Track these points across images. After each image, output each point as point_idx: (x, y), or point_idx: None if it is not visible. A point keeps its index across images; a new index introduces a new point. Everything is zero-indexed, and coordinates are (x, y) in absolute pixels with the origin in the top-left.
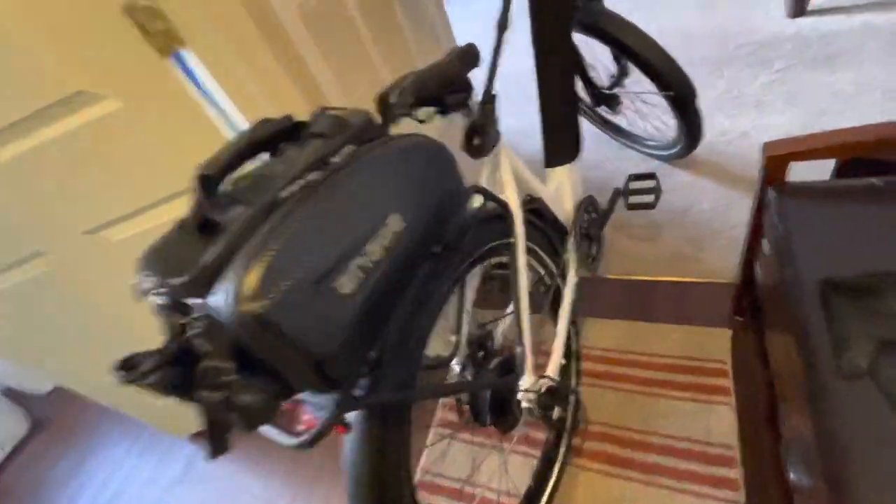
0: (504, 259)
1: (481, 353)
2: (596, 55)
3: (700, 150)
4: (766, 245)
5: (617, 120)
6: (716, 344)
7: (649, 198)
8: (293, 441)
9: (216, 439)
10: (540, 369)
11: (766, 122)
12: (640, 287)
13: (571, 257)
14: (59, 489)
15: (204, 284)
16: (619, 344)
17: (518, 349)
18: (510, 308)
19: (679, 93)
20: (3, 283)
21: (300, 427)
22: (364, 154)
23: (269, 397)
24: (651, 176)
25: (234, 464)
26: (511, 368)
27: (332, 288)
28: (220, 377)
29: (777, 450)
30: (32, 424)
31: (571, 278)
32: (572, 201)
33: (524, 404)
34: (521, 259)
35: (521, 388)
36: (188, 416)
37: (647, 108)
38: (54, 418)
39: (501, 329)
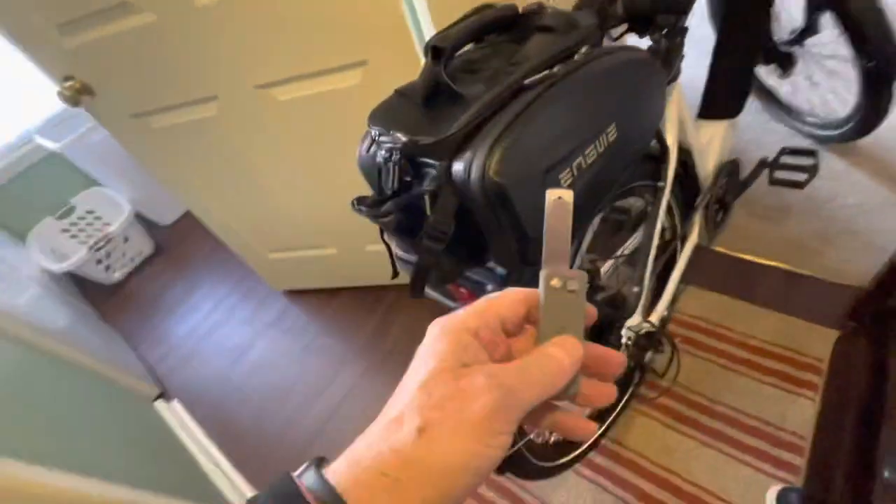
0: (630, 202)
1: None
2: (783, 1)
3: (863, 140)
4: None
5: (778, 84)
6: (815, 341)
7: (801, 176)
8: (452, 305)
9: (418, 284)
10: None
11: None
12: (747, 266)
13: (699, 219)
14: (173, 306)
15: (451, 149)
16: (711, 315)
17: (635, 289)
18: (619, 251)
19: (882, 66)
20: (178, 118)
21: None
22: (600, 57)
23: (463, 260)
24: (810, 153)
25: (317, 325)
26: (615, 306)
27: (557, 179)
28: (442, 231)
29: (859, 453)
30: (156, 248)
31: (692, 241)
32: (716, 161)
33: (624, 340)
34: (664, 206)
35: (628, 324)
36: (288, 273)
37: (823, 77)
38: (174, 247)
39: (606, 268)
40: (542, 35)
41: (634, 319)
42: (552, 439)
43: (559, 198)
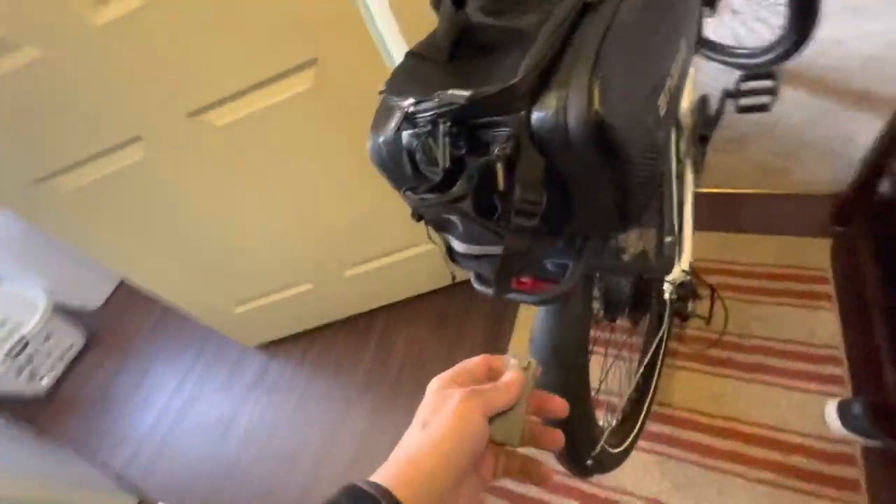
0: None
1: None
2: None
3: (788, 62)
4: None
5: (705, 24)
6: (813, 253)
7: (764, 99)
8: (529, 298)
9: (505, 277)
10: None
11: (863, 29)
12: (726, 200)
13: (689, 160)
14: (126, 398)
15: (527, 96)
16: (709, 254)
17: (668, 239)
18: None
19: None
20: (95, 172)
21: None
22: None
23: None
24: (769, 75)
25: (306, 373)
26: (650, 269)
27: (657, 106)
28: (534, 202)
29: (890, 354)
30: (87, 338)
31: (689, 183)
32: (689, 99)
33: (667, 295)
34: (672, 142)
35: (668, 278)
36: (260, 324)
37: (746, 6)
38: (109, 332)
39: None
40: None
41: (674, 273)
42: (615, 420)
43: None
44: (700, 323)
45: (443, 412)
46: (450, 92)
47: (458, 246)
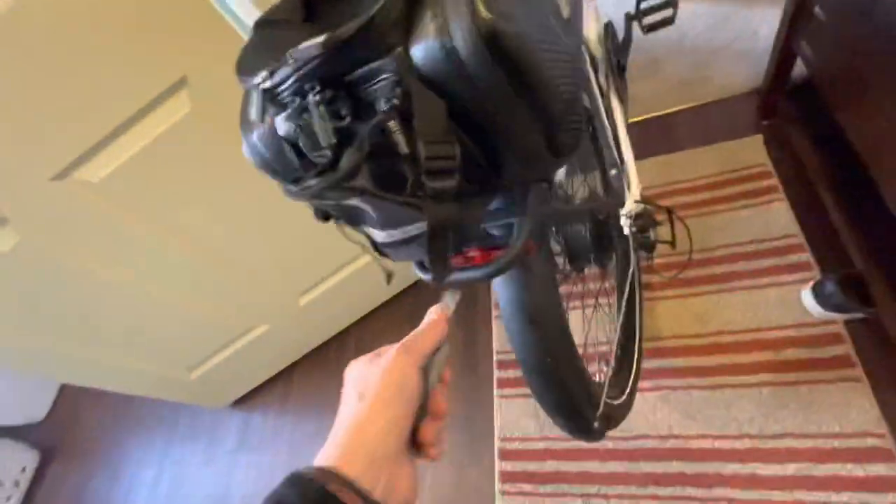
0: None
1: None
2: None
3: None
4: (819, 13)
5: None
6: (750, 151)
7: (667, 12)
8: (479, 273)
9: (440, 254)
10: None
11: None
12: (655, 123)
13: (612, 92)
14: (104, 501)
15: (398, 28)
16: (654, 180)
17: (613, 172)
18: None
19: None
20: None
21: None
22: None
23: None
24: None
25: (290, 418)
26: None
27: (556, 3)
28: (447, 156)
29: (847, 212)
30: (41, 454)
31: (620, 116)
32: (596, 30)
33: (627, 230)
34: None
35: (622, 213)
36: (224, 382)
37: None
38: (65, 440)
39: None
40: None
41: (627, 205)
42: (609, 370)
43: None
44: (667, 249)
45: (378, 377)
46: (301, 46)
47: (378, 235)
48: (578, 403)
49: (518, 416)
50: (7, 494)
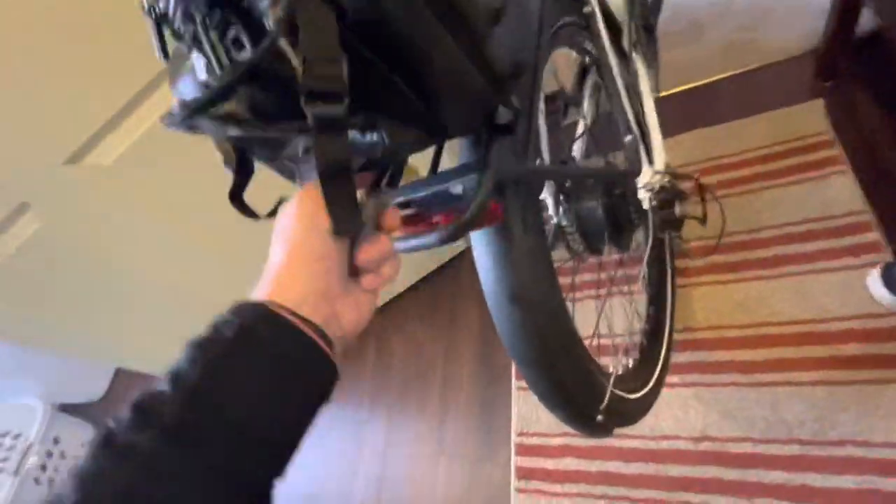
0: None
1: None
2: None
3: None
4: None
5: None
6: (807, 118)
7: None
8: (425, 240)
9: (335, 202)
10: None
11: None
12: (699, 93)
13: (638, 55)
14: None
15: None
16: (695, 155)
17: (627, 138)
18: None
19: None
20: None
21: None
22: None
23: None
24: None
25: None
26: (616, 175)
27: None
28: (331, 76)
29: None
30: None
31: (645, 79)
32: None
33: (646, 204)
34: (604, 30)
35: (640, 183)
36: None
37: None
38: None
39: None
40: None
41: (644, 176)
42: (629, 362)
43: None
44: (702, 231)
45: (288, 220)
46: None
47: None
48: (576, 394)
49: (536, 409)
50: (70, 465)
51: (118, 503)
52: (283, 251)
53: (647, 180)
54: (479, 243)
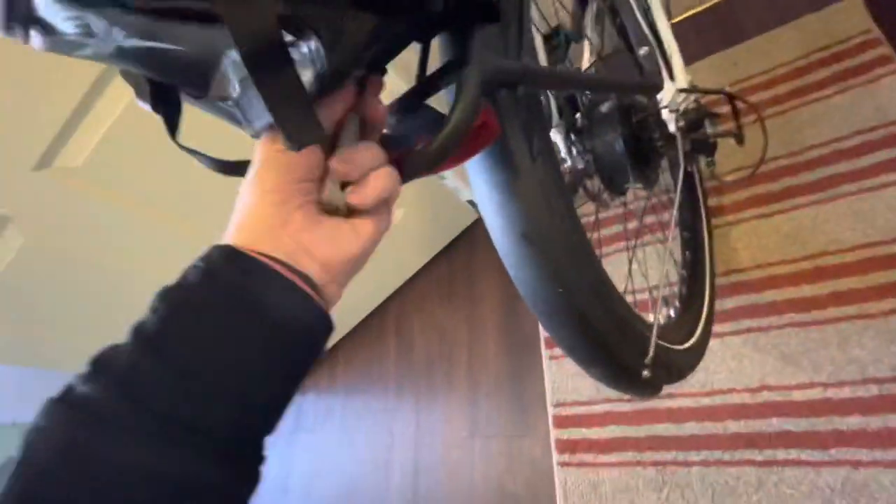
0: None
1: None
2: None
3: None
4: None
5: None
6: (846, 19)
7: None
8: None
9: (279, 97)
10: None
11: None
12: (716, 12)
13: None
14: None
15: None
16: (724, 78)
17: (642, 51)
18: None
19: None
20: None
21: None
22: None
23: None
24: None
25: (340, 397)
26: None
27: None
28: None
29: None
30: None
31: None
32: None
33: (672, 126)
34: None
35: (664, 102)
36: None
37: None
38: None
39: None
40: None
41: (667, 93)
42: (671, 312)
43: None
44: (736, 160)
45: (250, 171)
46: None
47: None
48: (615, 347)
49: (571, 377)
50: None
51: (61, 457)
52: (241, 196)
53: (671, 98)
54: (480, 180)
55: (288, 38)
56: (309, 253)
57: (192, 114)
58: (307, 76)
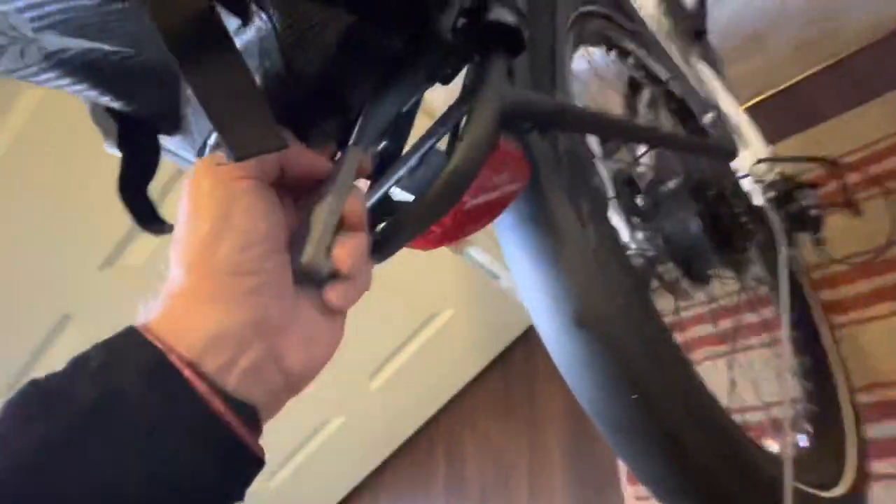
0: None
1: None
2: None
3: None
4: None
5: None
6: None
7: None
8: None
9: (217, 88)
10: None
11: None
12: (778, 100)
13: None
14: None
15: None
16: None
17: (707, 117)
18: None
19: None
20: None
21: None
22: None
23: None
24: None
25: None
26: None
27: None
28: None
29: None
30: None
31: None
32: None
33: (760, 198)
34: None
35: (741, 172)
36: (306, 492)
37: None
38: None
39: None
40: None
41: (745, 160)
42: (800, 439)
43: None
44: (851, 245)
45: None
46: None
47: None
48: (726, 488)
49: None
50: None
51: None
52: (179, 257)
53: (752, 166)
54: (514, 253)
55: (232, 21)
56: (278, 362)
57: None
58: (254, 69)
